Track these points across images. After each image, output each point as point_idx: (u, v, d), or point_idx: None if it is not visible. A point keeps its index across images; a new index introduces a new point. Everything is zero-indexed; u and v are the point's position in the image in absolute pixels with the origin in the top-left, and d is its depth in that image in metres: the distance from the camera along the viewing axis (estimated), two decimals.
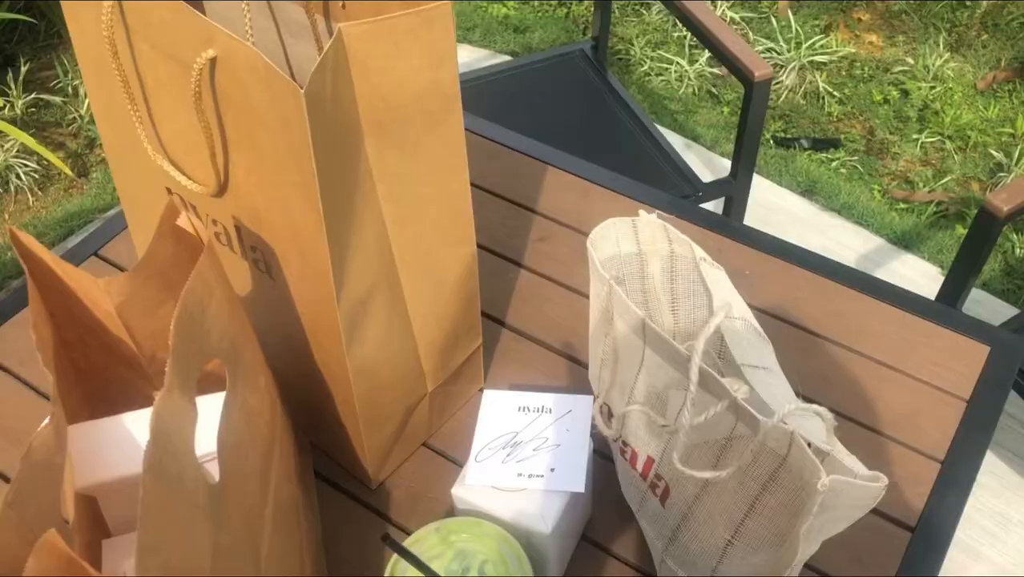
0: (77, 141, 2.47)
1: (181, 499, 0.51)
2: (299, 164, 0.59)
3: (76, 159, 2.41)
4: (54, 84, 2.56)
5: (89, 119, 2.48)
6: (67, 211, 2.24)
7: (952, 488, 0.79)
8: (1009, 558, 1.56)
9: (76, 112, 2.49)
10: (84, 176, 2.38)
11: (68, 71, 2.56)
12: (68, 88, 2.54)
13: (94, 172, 2.39)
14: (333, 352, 0.69)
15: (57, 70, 2.57)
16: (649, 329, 0.61)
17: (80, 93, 2.52)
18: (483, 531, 0.66)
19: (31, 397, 0.88)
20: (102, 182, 2.33)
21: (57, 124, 2.50)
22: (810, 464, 0.53)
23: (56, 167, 2.37)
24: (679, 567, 0.69)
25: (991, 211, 1.17)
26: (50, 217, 2.24)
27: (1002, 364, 0.86)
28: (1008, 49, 2.56)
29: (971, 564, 1.54)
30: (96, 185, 2.32)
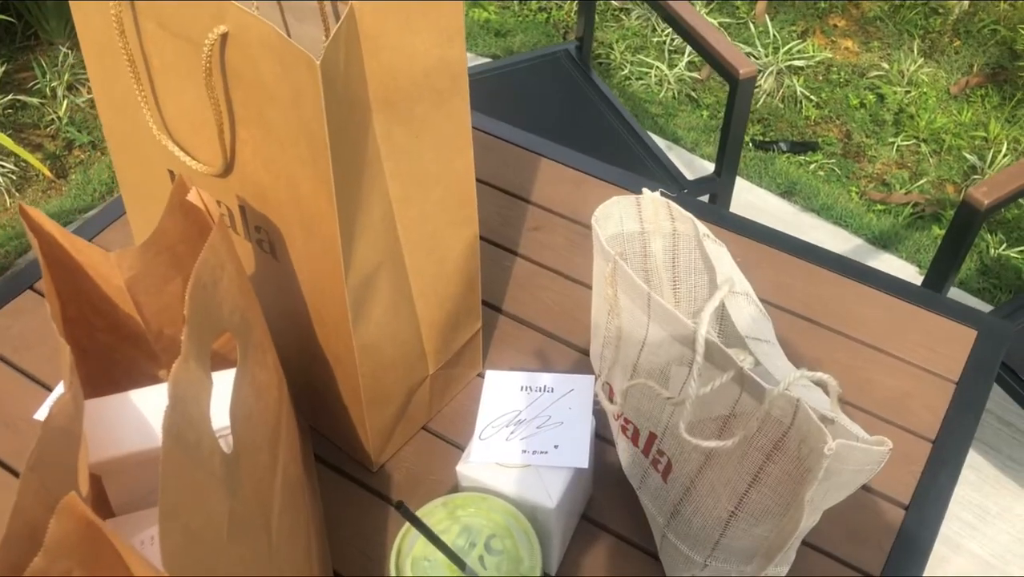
0: (55, 143, 2.45)
1: (198, 466, 0.51)
2: (310, 140, 0.59)
3: (54, 160, 2.39)
4: (31, 85, 2.54)
5: (68, 120, 2.47)
6: (46, 212, 2.22)
7: (944, 466, 0.80)
8: (989, 550, 1.58)
9: (54, 113, 2.47)
10: (63, 177, 2.37)
11: (46, 72, 2.54)
12: (46, 89, 2.52)
13: (73, 173, 2.37)
14: (338, 331, 0.70)
15: (35, 71, 2.55)
16: (654, 303, 0.62)
17: (58, 95, 2.50)
18: (489, 506, 0.67)
19: (26, 384, 0.87)
20: (81, 183, 2.31)
21: (35, 125, 2.48)
22: (816, 429, 0.55)
23: (33, 169, 2.35)
24: (681, 541, 0.70)
25: (972, 204, 1.20)
26: None
27: (989, 347, 0.88)
28: (980, 55, 2.61)
29: (952, 556, 1.57)
30: (75, 186, 2.31)
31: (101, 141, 2.43)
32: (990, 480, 1.66)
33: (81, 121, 2.48)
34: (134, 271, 0.61)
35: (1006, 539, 1.59)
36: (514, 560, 0.64)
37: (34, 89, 2.53)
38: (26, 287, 0.95)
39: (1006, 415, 1.74)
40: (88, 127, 2.47)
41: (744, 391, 0.60)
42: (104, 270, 0.61)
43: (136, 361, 0.69)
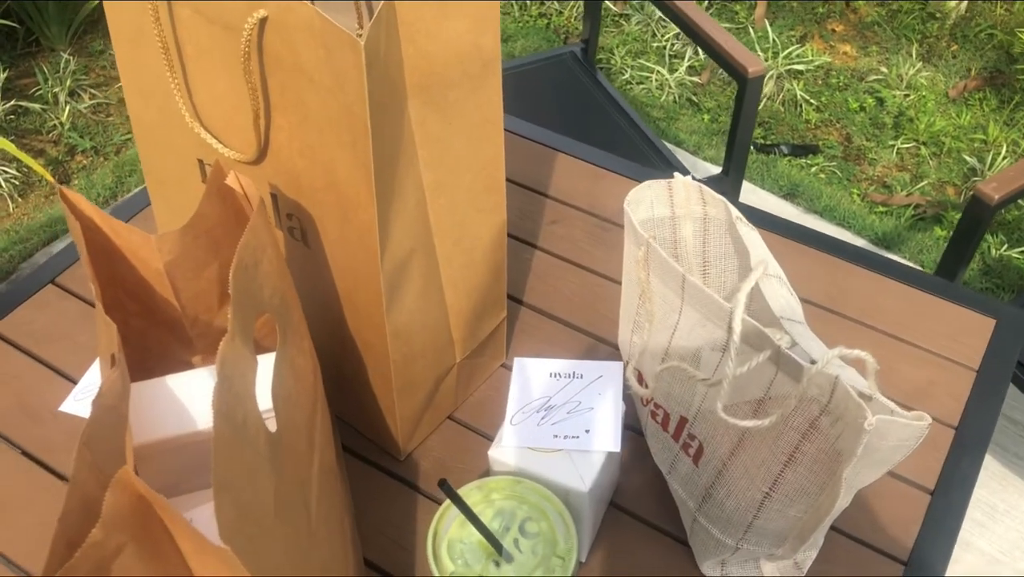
0: (57, 148, 2.44)
1: (246, 444, 0.51)
2: (351, 123, 0.60)
3: (57, 166, 2.39)
4: (33, 91, 2.54)
5: (70, 126, 2.47)
6: (51, 216, 2.22)
7: (967, 452, 0.81)
8: (997, 547, 1.59)
9: (56, 119, 2.47)
10: (65, 183, 2.36)
11: (48, 78, 2.54)
12: (48, 95, 2.52)
13: (75, 179, 2.37)
14: (371, 317, 0.70)
15: (37, 77, 2.55)
16: (689, 285, 0.62)
17: (60, 101, 2.50)
18: (524, 489, 0.67)
19: (50, 376, 0.88)
20: (84, 188, 2.31)
21: (37, 131, 2.48)
22: (856, 405, 0.55)
23: (36, 174, 2.35)
24: (712, 525, 0.70)
25: (983, 199, 1.21)
26: (33, 223, 2.21)
27: (1009, 335, 0.89)
28: (977, 59, 2.63)
29: (962, 554, 1.57)
30: (79, 191, 2.30)
31: (104, 146, 2.44)
32: (998, 477, 1.67)
33: (83, 127, 2.48)
34: (173, 255, 0.62)
35: (1014, 536, 1.60)
36: (550, 542, 0.64)
37: (36, 95, 2.53)
38: (48, 281, 0.95)
39: (1013, 413, 1.75)
40: (90, 132, 2.47)
41: (780, 371, 0.60)
42: (144, 253, 0.61)
43: (169, 347, 0.69)
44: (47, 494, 0.79)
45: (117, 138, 2.45)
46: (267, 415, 0.57)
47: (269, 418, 0.57)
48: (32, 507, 0.78)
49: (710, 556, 0.72)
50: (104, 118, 2.53)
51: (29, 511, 0.78)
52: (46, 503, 0.79)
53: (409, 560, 0.75)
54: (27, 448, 0.82)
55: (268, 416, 0.57)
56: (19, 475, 0.80)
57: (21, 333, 0.91)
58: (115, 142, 2.44)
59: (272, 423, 0.56)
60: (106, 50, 2.72)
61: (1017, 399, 1.77)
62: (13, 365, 0.88)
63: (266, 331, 0.71)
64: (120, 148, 2.43)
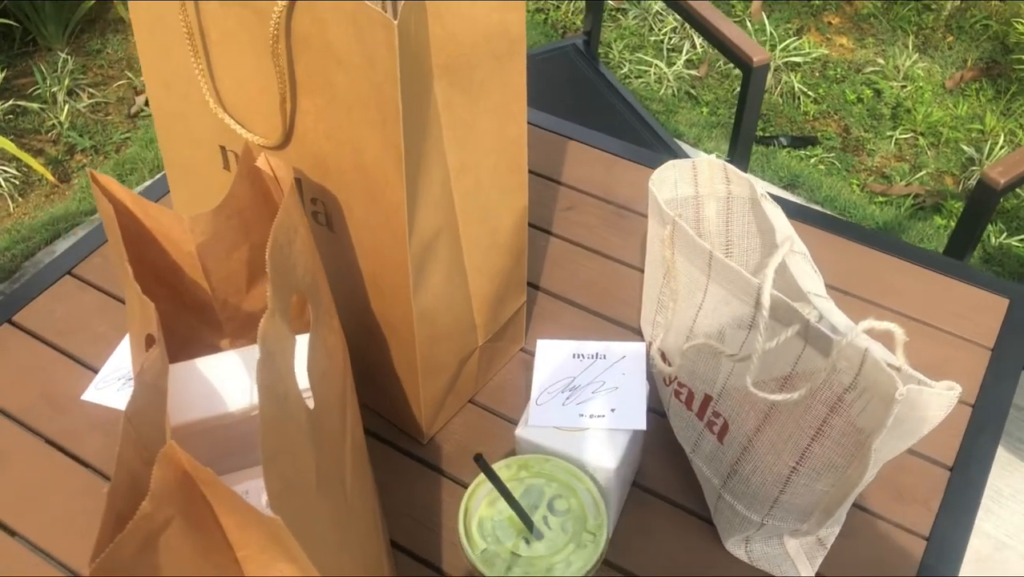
0: (57, 148, 2.44)
1: (288, 418, 0.52)
2: (380, 103, 0.60)
3: (56, 165, 2.39)
4: (31, 91, 2.53)
5: (69, 125, 2.46)
6: (52, 215, 2.21)
7: (985, 429, 0.82)
8: (1003, 530, 1.60)
9: (55, 118, 2.47)
10: (65, 182, 2.36)
11: (46, 77, 2.54)
12: (46, 95, 2.52)
13: (75, 178, 2.36)
14: (396, 299, 0.71)
15: (35, 76, 2.54)
16: (716, 261, 0.63)
17: (59, 100, 2.50)
18: (552, 467, 0.68)
19: (71, 365, 0.88)
20: (85, 187, 2.31)
21: (36, 131, 2.47)
22: (886, 376, 0.56)
23: (36, 173, 2.35)
24: (738, 501, 0.71)
25: (988, 183, 1.22)
26: (34, 221, 2.21)
27: (1023, 314, 0.90)
28: (973, 50, 2.65)
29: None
30: (80, 190, 2.30)
31: (103, 145, 2.43)
32: (1001, 462, 1.68)
33: (83, 126, 2.48)
34: (206, 236, 0.62)
35: (1019, 519, 1.61)
36: (579, 519, 0.65)
37: (34, 94, 2.53)
38: (65, 272, 0.96)
39: (1017, 399, 1.77)
40: (90, 131, 2.47)
41: (808, 345, 0.61)
42: (176, 235, 0.62)
43: (197, 331, 0.70)
44: (72, 481, 0.79)
45: (117, 137, 2.45)
46: (305, 394, 0.57)
47: (307, 397, 0.57)
48: (57, 494, 0.79)
49: (735, 533, 0.73)
50: (103, 117, 2.53)
51: (54, 498, 0.78)
52: (71, 490, 0.79)
53: (435, 541, 0.76)
54: (51, 437, 0.82)
55: (306, 395, 0.57)
56: (44, 463, 0.81)
57: (41, 324, 0.91)
58: (115, 141, 2.44)
59: (310, 401, 0.56)
60: (103, 49, 2.71)
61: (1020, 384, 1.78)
62: (36, 356, 0.88)
63: (293, 314, 0.72)
64: (120, 146, 2.43)
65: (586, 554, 0.63)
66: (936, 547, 0.75)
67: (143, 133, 2.47)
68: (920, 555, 0.74)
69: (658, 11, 2.78)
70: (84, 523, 0.77)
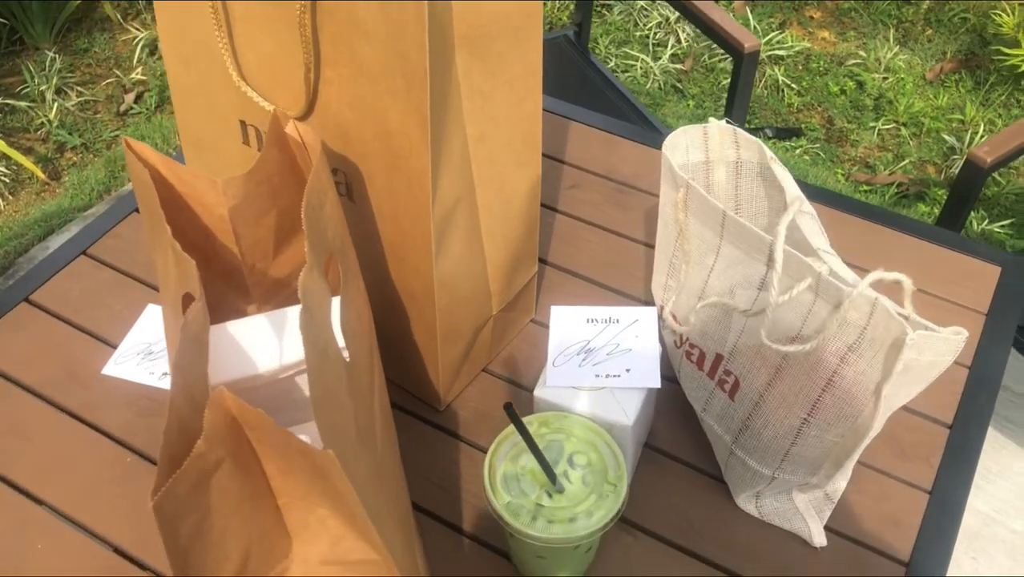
0: (46, 146, 2.44)
1: (329, 368, 0.54)
2: (405, 70, 0.62)
3: (46, 163, 2.39)
4: (20, 90, 2.53)
5: (58, 123, 2.46)
6: (44, 212, 2.22)
7: (982, 388, 0.85)
8: (992, 506, 1.64)
9: (44, 116, 2.47)
10: (56, 180, 2.36)
11: (34, 76, 2.54)
12: (35, 93, 2.52)
13: (66, 175, 2.37)
14: (417, 266, 0.73)
15: (23, 75, 2.54)
16: (729, 221, 0.66)
17: (47, 99, 2.50)
18: (571, 423, 0.70)
19: (90, 341, 0.89)
20: (77, 183, 2.31)
21: (24, 129, 2.47)
22: (897, 324, 0.59)
23: (26, 172, 2.35)
24: (749, 456, 0.73)
25: (976, 162, 1.25)
26: (27, 219, 2.21)
27: (1014, 280, 0.93)
28: (952, 42, 2.70)
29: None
30: (72, 186, 2.31)
31: (93, 143, 2.44)
32: (989, 440, 1.72)
33: (72, 124, 2.48)
34: (238, 199, 0.64)
35: (1007, 495, 1.65)
36: (599, 472, 0.67)
37: (22, 93, 2.52)
38: (80, 252, 0.97)
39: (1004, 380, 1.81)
40: (79, 129, 2.47)
41: (819, 298, 0.64)
42: (209, 199, 0.63)
43: (225, 297, 0.71)
44: (95, 452, 0.81)
45: (107, 134, 2.45)
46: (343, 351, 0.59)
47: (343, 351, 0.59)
48: (81, 464, 0.80)
49: (745, 489, 0.76)
50: (92, 115, 2.53)
51: (78, 468, 0.80)
52: (94, 460, 0.80)
53: (455, 503, 0.78)
54: (73, 410, 0.84)
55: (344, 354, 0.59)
56: (68, 435, 0.82)
57: (58, 302, 0.92)
58: (105, 138, 2.44)
59: (346, 354, 0.58)
60: (91, 48, 2.72)
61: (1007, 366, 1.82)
62: (54, 333, 0.90)
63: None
64: (111, 143, 2.43)
65: (608, 504, 0.65)
66: (938, 500, 0.77)
67: (133, 131, 2.47)
68: (923, 508, 0.77)
69: (643, 7, 2.81)
70: (109, 492, 0.78)
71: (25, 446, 0.81)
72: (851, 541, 0.75)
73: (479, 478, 0.79)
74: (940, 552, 0.74)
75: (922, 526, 0.76)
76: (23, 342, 0.89)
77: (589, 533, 0.64)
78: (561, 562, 0.69)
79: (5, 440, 0.82)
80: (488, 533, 0.76)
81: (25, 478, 0.79)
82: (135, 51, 2.65)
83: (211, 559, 0.52)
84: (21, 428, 0.83)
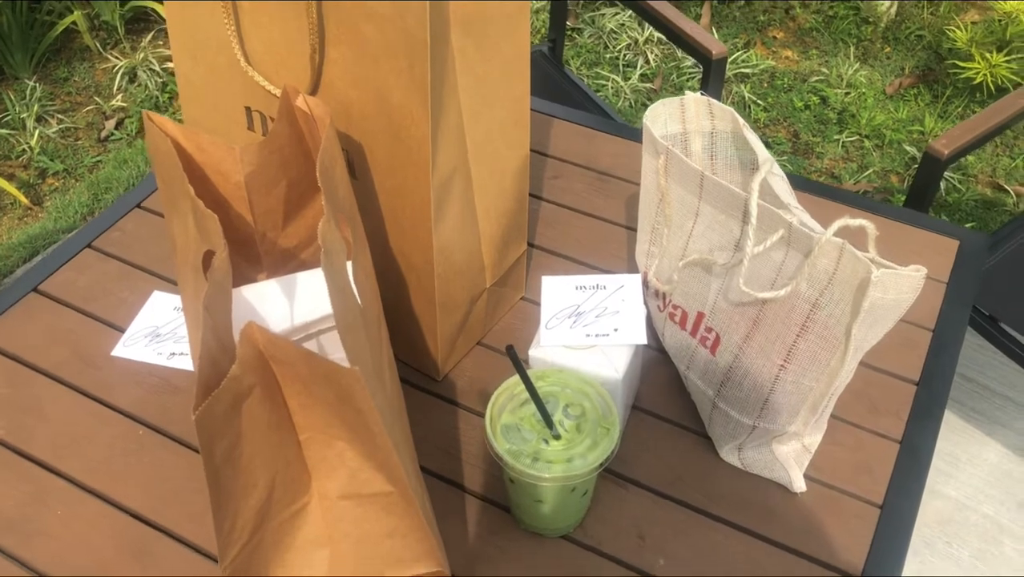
0: (28, 172, 2.47)
1: (347, 307, 0.58)
2: (408, 47, 0.67)
3: (28, 189, 2.42)
4: (0, 117, 2.56)
5: (40, 150, 2.49)
6: (29, 235, 2.24)
7: (944, 350, 0.91)
8: (963, 493, 1.70)
9: (26, 143, 2.50)
10: (38, 205, 2.39)
11: (15, 104, 2.57)
12: (16, 120, 2.55)
13: (48, 200, 2.40)
14: (417, 234, 0.77)
15: (4, 103, 2.58)
16: (707, 181, 0.71)
17: (28, 126, 2.53)
18: (566, 376, 0.75)
19: (99, 327, 0.93)
20: (60, 207, 2.34)
21: (6, 156, 2.50)
22: (863, 264, 0.64)
23: (8, 197, 2.37)
24: (731, 407, 0.78)
25: (933, 155, 1.32)
26: (11, 241, 2.24)
27: (971, 252, 1.00)
28: (909, 58, 2.80)
29: (930, 500, 1.68)
30: (55, 210, 2.34)
31: (75, 168, 2.47)
32: (958, 430, 1.78)
33: (53, 150, 2.51)
34: (253, 166, 0.69)
35: (977, 482, 1.71)
36: (592, 420, 0.72)
37: (3, 121, 2.56)
38: (85, 245, 1.01)
39: (967, 372, 1.87)
40: (60, 156, 2.50)
41: (791, 249, 0.69)
42: (226, 167, 0.68)
43: (237, 265, 0.76)
44: (108, 426, 0.85)
45: (88, 160, 2.49)
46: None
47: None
48: (96, 438, 0.84)
49: (728, 441, 0.81)
50: (73, 142, 2.56)
51: (93, 442, 0.83)
52: (108, 434, 0.84)
53: (456, 464, 0.82)
54: (87, 389, 0.88)
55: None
56: (82, 412, 0.86)
57: (66, 292, 0.96)
58: (86, 163, 2.48)
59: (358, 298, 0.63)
60: (71, 77, 2.76)
61: (970, 359, 1.89)
62: (64, 320, 0.94)
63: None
64: (93, 168, 2.46)
65: (603, 446, 0.70)
66: (908, 449, 0.83)
67: (115, 155, 2.51)
68: (895, 457, 0.82)
69: (612, 29, 2.90)
70: (123, 462, 0.82)
71: (41, 423, 0.85)
72: (828, 487, 0.80)
73: (479, 441, 0.84)
74: (911, 495, 0.80)
75: (894, 472, 0.81)
76: (34, 329, 0.93)
77: (587, 471, 0.69)
78: (559, 507, 0.74)
79: (23, 418, 0.85)
80: (489, 489, 0.80)
81: (43, 452, 0.83)
82: (115, 79, 2.69)
83: (239, 485, 0.56)
84: (37, 408, 0.86)
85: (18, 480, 0.81)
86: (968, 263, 0.99)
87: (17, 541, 0.76)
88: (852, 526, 0.77)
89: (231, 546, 0.57)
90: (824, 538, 0.77)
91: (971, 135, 1.34)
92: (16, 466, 0.82)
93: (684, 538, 0.77)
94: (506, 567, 0.75)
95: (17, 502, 0.79)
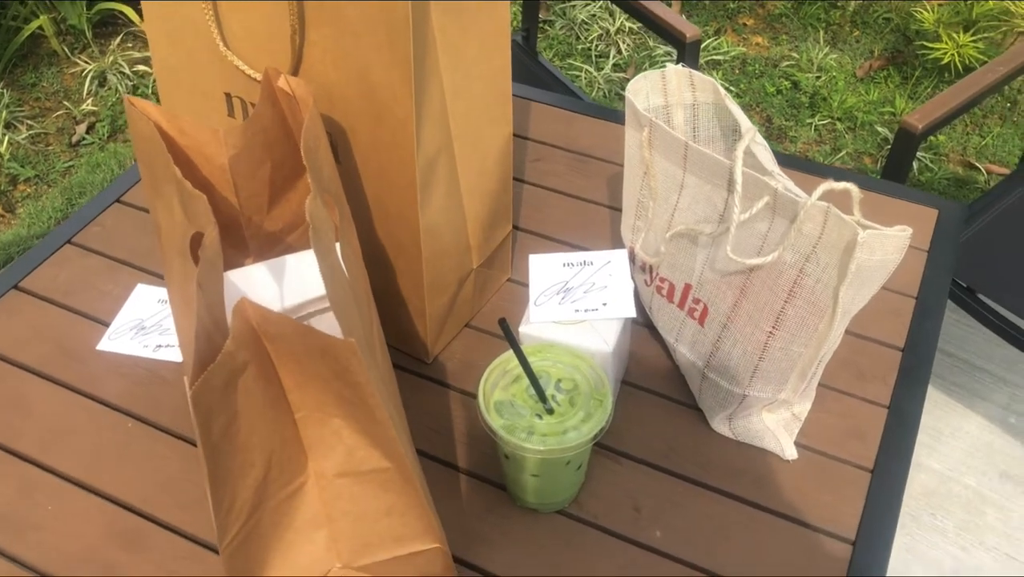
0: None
1: (336, 280, 0.58)
2: (389, 24, 0.67)
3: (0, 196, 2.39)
4: None
5: (10, 156, 2.47)
6: (2, 242, 2.22)
7: (927, 317, 0.92)
8: (946, 465, 1.72)
9: None
10: (11, 212, 2.36)
11: None
12: None
13: (20, 207, 2.37)
14: (403, 215, 0.77)
15: None
16: (691, 151, 0.71)
17: None
18: (557, 352, 0.75)
19: (82, 321, 0.92)
20: (34, 212, 2.32)
21: None
22: (849, 227, 0.65)
23: None
24: (721, 377, 0.79)
25: (908, 129, 1.34)
26: None
27: (950, 220, 1.01)
28: (878, 41, 2.83)
29: (915, 473, 1.69)
30: (28, 216, 2.31)
31: (47, 174, 2.44)
32: (940, 404, 1.80)
33: (24, 157, 2.49)
34: (237, 148, 0.68)
35: (960, 454, 1.73)
36: (585, 394, 0.72)
37: None
38: (65, 241, 1.00)
39: (947, 346, 1.89)
40: (31, 162, 2.47)
41: (776, 216, 0.70)
42: (210, 150, 0.68)
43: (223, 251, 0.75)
44: (96, 419, 0.84)
45: (60, 165, 2.46)
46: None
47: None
48: (83, 432, 0.83)
49: (719, 411, 0.81)
50: (44, 147, 2.54)
51: (81, 435, 0.83)
52: (96, 427, 0.83)
53: (448, 444, 0.82)
54: (72, 383, 0.87)
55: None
56: (68, 406, 0.85)
57: (49, 287, 0.95)
58: (59, 169, 2.45)
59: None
60: (39, 82, 2.73)
61: (949, 334, 1.91)
62: (47, 315, 0.93)
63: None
64: (66, 173, 2.44)
65: (596, 417, 0.70)
66: (896, 413, 0.84)
67: (87, 159, 2.48)
68: (883, 422, 0.83)
69: (584, 20, 2.90)
70: (112, 454, 0.81)
71: (27, 419, 0.84)
72: (819, 454, 0.81)
73: (471, 420, 0.84)
74: (901, 458, 0.80)
75: (883, 437, 0.82)
76: (16, 325, 0.92)
77: (582, 443, 0.69)
78: (554, 481, 0.74)
79: (7, 415, 0.84)
80: (483, 467, 0.80)
81: (30, 448, 0.82)
82: (84, 83, 2.67)
83: (237, 464, 0.56)
84: (23, 404, 0.85)
85: (6, 477, 0.80)
86: (947, 231, 1.00)
87: (9, 538, 0.76)
88: (845, 491, 0.78)
89: (230, 526, 0.57)
90: (818, 503, 0.77)
91: (943, 109, 1.35)
92: (4, 463, 0.81)
93: (679, 509, 0.77)
94: (503, 543, 0.75)
95: (7, 499, 0.78)
